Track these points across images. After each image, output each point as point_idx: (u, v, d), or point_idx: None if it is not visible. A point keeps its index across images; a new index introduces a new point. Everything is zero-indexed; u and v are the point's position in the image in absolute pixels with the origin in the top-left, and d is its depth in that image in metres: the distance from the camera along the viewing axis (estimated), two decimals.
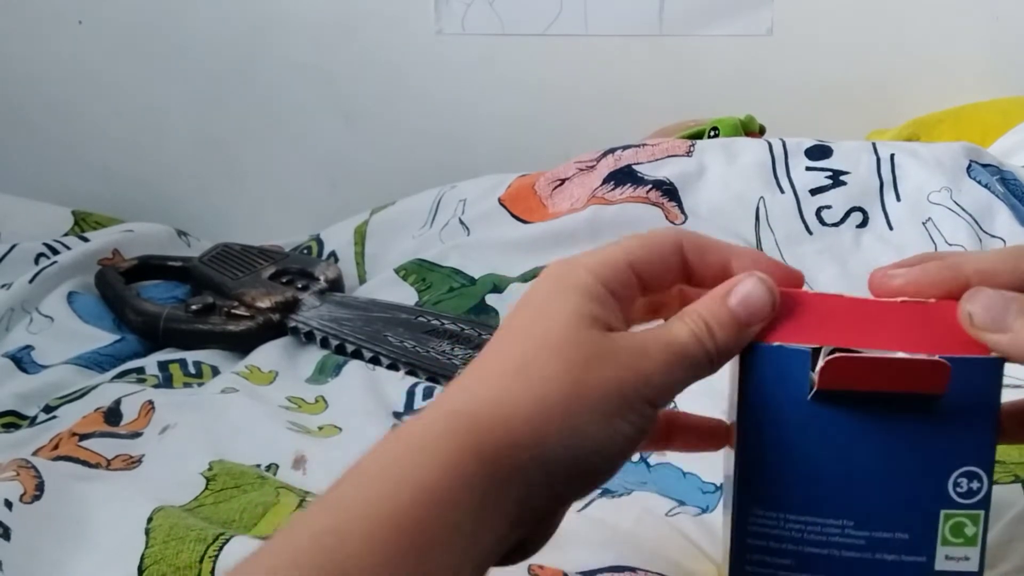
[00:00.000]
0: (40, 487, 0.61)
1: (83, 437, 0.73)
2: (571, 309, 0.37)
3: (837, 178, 1.00)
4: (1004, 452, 0.59)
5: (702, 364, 0.38)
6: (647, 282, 0.40)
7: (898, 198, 0.99)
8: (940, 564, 0.38)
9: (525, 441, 0.34)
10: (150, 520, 0.57)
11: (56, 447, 0.72)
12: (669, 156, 1.05)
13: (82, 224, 1.22)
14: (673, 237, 0.41)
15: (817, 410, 0.38)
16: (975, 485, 0.38)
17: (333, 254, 1.14)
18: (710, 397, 0.48)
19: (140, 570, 0.53)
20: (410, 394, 0.81)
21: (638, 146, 1.08)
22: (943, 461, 0.38)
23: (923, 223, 0.97)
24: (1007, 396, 0.40)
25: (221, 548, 0.53)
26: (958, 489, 0.38)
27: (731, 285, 0.39)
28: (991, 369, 0.37)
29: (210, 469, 0.66)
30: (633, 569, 0.51)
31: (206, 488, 0.64)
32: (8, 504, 0.58)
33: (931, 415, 0.37)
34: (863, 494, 0.38)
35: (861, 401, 0.37)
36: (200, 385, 0.87)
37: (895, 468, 0.38)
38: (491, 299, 0.97)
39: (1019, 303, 0.37)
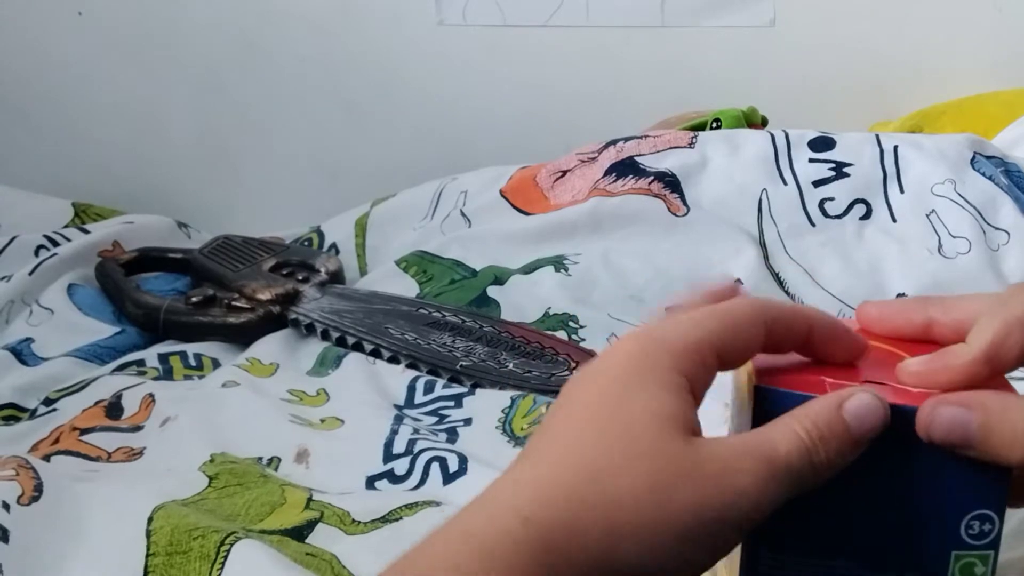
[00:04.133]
0: (39, 488, 0.60)
1: (84, 431, 0.73)
2: (654, 408, 0.34)
3: (840, 170, 0.99)
4: None
5: (807, 479, 0.35)
6: (726, 362, 0.37)
7: (901, 190, 0.98)
8: None
9: (596, 561, 0.33)
10: (151, 520, 0.56)
11: (56, 441, 0.72)
12: (671, 148, 1.04)
13: (82, 216, 1.22)
14: (756, 315, 0.37)
15: None
16: (987, 527, 0.37)
17: (334, 246, 1.14)
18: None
19: None
20: (411, 388, 0.81)
21: (640, 137, 1.07)
22: (957, 504, 0.37)
23: (927, 215, 0.96)
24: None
25: (224, 562, 0.53)
26: (970, 531, 0.37)
27: (844, 396, 0.35)
28: None
29: (212, 462, 0.66)
30: None
31: (209, 485, 0.64)
32: (6, 506, 0.57)
33: (946, 458, 0.37)
34: (876, 536, 0.38)
35: (876, 443, 0.37)
36: (200, 377, 0.87)
37: (909, 511, 0.38)
38: (492, 291, 0.97)
39: (981, 412, 0.36)
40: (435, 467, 0.67)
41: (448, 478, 0.66)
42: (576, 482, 0.33)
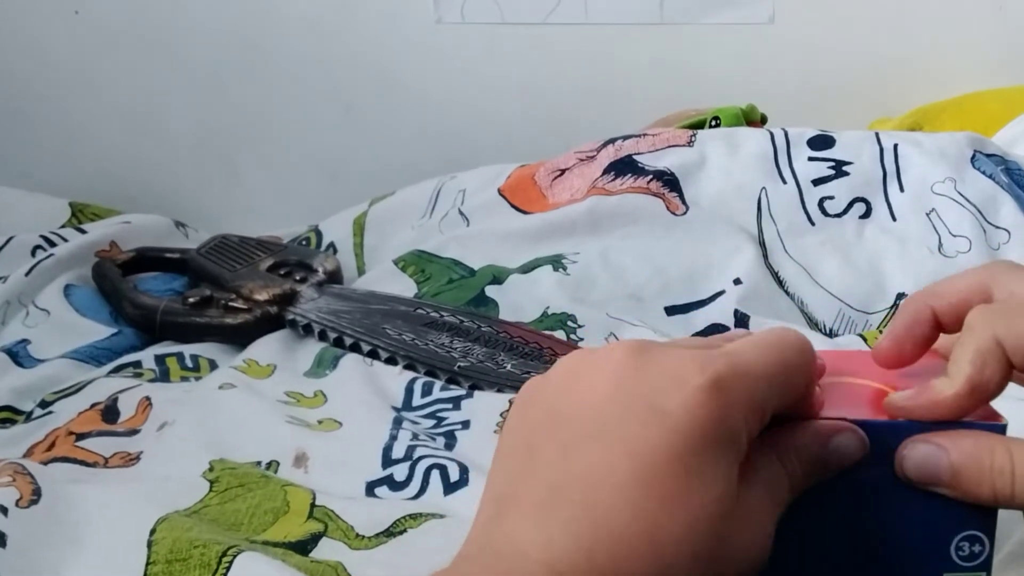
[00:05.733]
0: (37, 492, 0.60)
1: (80, 437, 0.72)
2: (725, 505, 0.32)
3: (840, 168, 0.99)
4: None
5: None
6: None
7: (901, 189, 0.98)
8: None
9: None
10: (153, 532, 0.56)
11: (52, 446, 0.71)
12: (670, 146, 1.04)
13: (79, 215, 1.22)
14: (807, 368, 0.37)
15: (820, 485, 0.37)
16: (977, 548, 0.38)
17: (332, 245, 1.13)
18: None
19: None
20: (409, 390, 0.81)
21: (639, 136, 1.07)
22: (946, 527, 0.37)
23: (927, 214, 0.96)
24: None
25: (227, 573, 0.52)
26: (960, 552, 0.38)
27: (832, 431, 0.36)
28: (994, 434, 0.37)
29: (211, 470, 0.66)
30: None
31: (210, 490, 0.63)
32: (3, 510, 0.57)
33: None
34: (870, 564, 0.38)
35: (864, 471, 0.37)
36: (197, 379, 0.86)
37: (900, 536, 0.38)
38: (490, 291, 0.97)
39: (952, 450, 0.36)
40: (435, 475, 0.67)
41: (449, 488, 0.65)
42: (640, 561, 0.30)
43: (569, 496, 0.31)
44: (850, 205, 0.98)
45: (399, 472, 0.68)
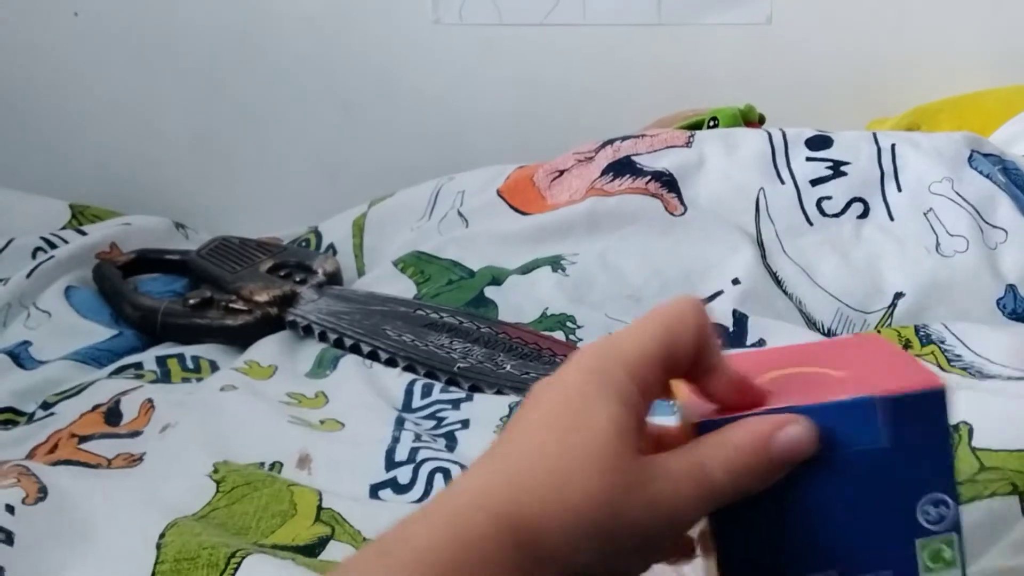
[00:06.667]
0: (43, 491, 0.60)
1: (83, 439, 0.72)
2: (611, 423, 0.37)
3: (838, 168, 0.99)
4: (1002, 459, 0.59)
5: (731, 498, 0.38)
6: (672, 372, 0.40)
7: (899, 188, 0.98)
8: None
9: (558, 561, 0.36)
10: (162, 536, 0.56)
11: (55, 448, 0.72)
12: (668, 147, 1.04)
13: (80, 217, 1.22)
14: (698, 326, 0.40)
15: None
16: (943, 510, 0.39)
17: (331, 247, 1.13)
18: None
19: None
20: (408, 391, 0.81)
21: (637, 137, 1.07)
22: (907, 493, 0.39)
23: (924, 214, 0.96)
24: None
25: (235, 573, 0.53)
26: (927, 517, 0.39)
27: (777, 424, 0.38)
28: (935, 400, 0.39)
29: (216, 472, 0.66)
30: None
31: (217, 491, 0.64)
32: (10, 509, 0.57)
33: (888, 452, 0.38)
34: (841, 542, 0.39)
35: (823, 452, 0.38)
36: (198, 380, 0.86)
37: (865, 510, 0.39)
38: (490, 292, 0.97)
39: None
40: (439, 479, 0.67)
41: None
42: (542, 487, 0.37)
43: (503, 451, 0.38)
44: (848, 205, 0.98)
45: (403, 475, 0.68)
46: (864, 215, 0.98)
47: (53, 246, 1.09)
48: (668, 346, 0.39)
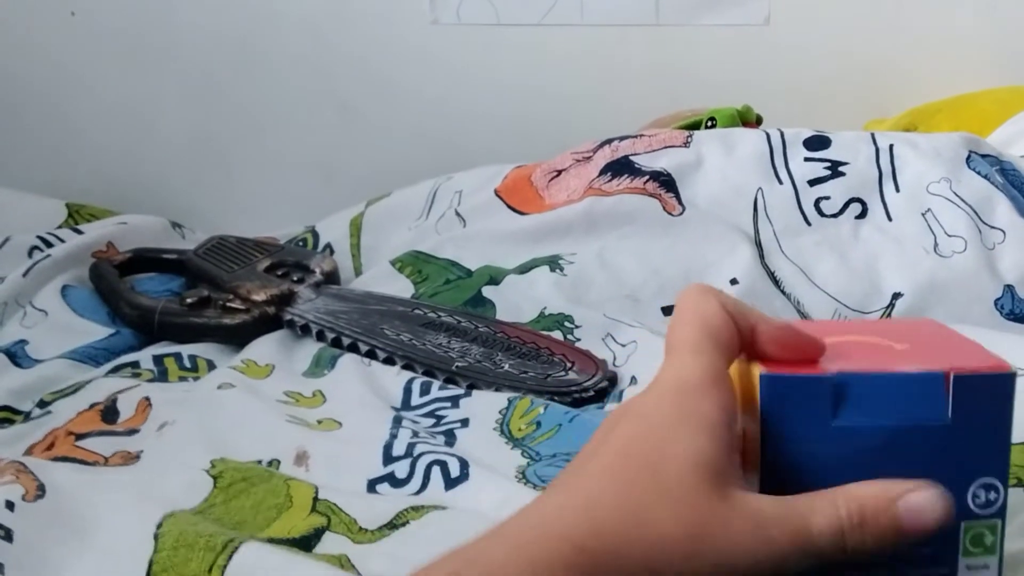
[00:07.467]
0: (41, 488, 0.60)
1: (80, 437, 0.72)
2: (692, 456, 0.36)
3: (836, 169, 0.99)
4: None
5: (829, 558, 0.36)
6: (733, 356, 0.40)
7: (897, 189, 0.98)
8: (962, 574, 0.39)
9: None
10: (159, 526, 0.56)
11: (52, 446, 0.71)
12: (666, 147, 1.04)
13: (76, 216, 1.22)
14: (718, 299, 0.40)
15: (839, 435, 0.38)
16: (992, 496, 0.38)
17: (329, 246, 1.13)
18: None
19: None
20: (407, 390, 0.81)
21: (635, 137, 1.07)
22: (961, 474, 0.38)
23: (922, 214, 0.96)
24: None
25: (231, 557, 0.53)
26: (976, 500, 0.38)
27: (904, 489, 0.36)
28: (1003, 383, 0.38)
29: (213, 467, 0.66)
30: None
31: (214, 487, 0.64)
32: (10, 505, 0.57)
33: (949, 430, 0.38)
34: None
35: (882, 422, 0.38)
36: (196, 379, 0.86)
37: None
38: (487, 291, 0.97)
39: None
40: (436, 471, 0.67)
41: (450, 483, 0.66)
42: (622, 519, 0.35)
43: (578, 482, 0.37)
44: (846, 205, 0.98)
45: (400, 469, 0.68)
46: (862, 215, 0.98)
47: (49, 245, 1.09)
48: (712, 332, 0.39)
